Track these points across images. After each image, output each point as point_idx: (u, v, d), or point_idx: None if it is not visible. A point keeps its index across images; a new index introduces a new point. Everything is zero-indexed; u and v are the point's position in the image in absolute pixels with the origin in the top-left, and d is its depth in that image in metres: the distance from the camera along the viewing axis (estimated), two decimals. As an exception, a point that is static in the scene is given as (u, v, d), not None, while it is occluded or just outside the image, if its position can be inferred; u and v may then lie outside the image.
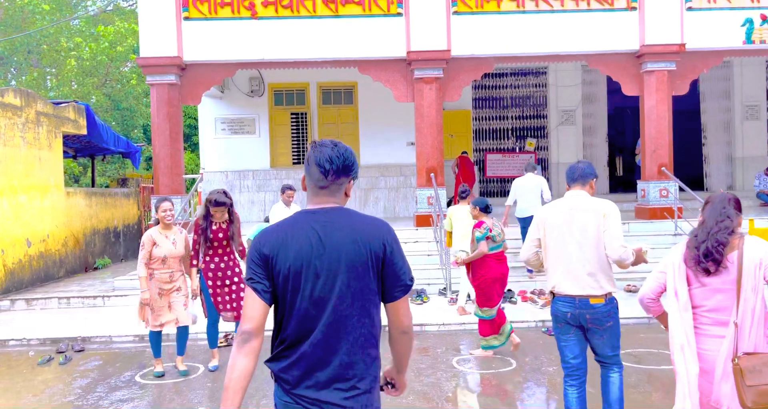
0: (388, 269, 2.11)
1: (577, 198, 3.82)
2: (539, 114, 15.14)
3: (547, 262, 3.85)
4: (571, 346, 3.81)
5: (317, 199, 2.17)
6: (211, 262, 5.89)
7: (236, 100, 13.87)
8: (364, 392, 2.09)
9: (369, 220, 2.17)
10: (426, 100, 10.90)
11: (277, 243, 2.08)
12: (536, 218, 3.94)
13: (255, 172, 13.81)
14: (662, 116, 10.96)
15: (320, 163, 2.14)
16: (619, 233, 3.69)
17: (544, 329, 7.46)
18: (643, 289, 3.21)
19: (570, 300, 3.69)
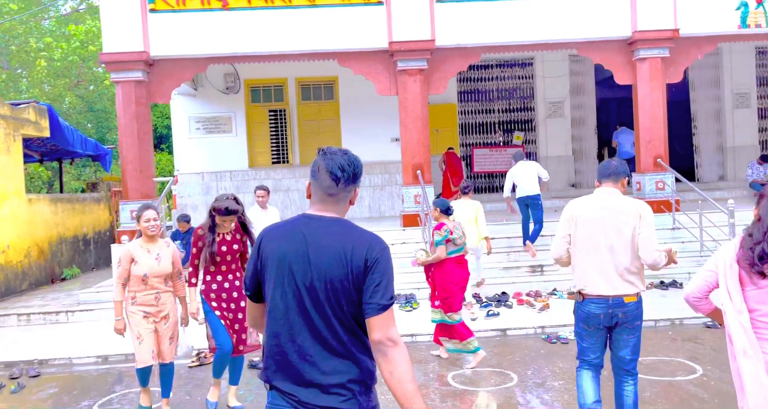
0: (366, 285, 2.07)
1: (611, 197, 3.68)
2: (526, 106, 14.55)
3: (575, 259, 3.71)
4: (595, 348, 3.74)
5: (322, 207, 2.17)
6: (212, 282, 4.80)
7: (211, 97, 13.11)
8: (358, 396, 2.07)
9: (360, 233, 2.14)
10: (410, 93, 10.24)
11: (269, 244, 2.16)
12: (566, 213, 3.77)
13: (233, 173, 13.07)
14: (656, 105, 10.40)
15: (332, 170, 2.13)
16: (653, 236, 3.59)
17: (545, 336, 6.85)
18: (689, 287, 3.04)
19: (603, 301, 3.58)
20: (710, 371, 5.54)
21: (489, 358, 6.32)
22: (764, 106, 14.47)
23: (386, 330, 2.04)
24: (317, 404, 2.05)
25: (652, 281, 8.71)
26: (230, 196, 4.84)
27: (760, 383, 2.69)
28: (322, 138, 13.35)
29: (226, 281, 4.81)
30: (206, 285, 4.83)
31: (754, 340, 2.74)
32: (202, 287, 4.84)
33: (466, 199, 8.06)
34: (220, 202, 4.75)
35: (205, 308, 4.82)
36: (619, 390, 3.78)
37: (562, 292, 8.48)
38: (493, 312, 7.57)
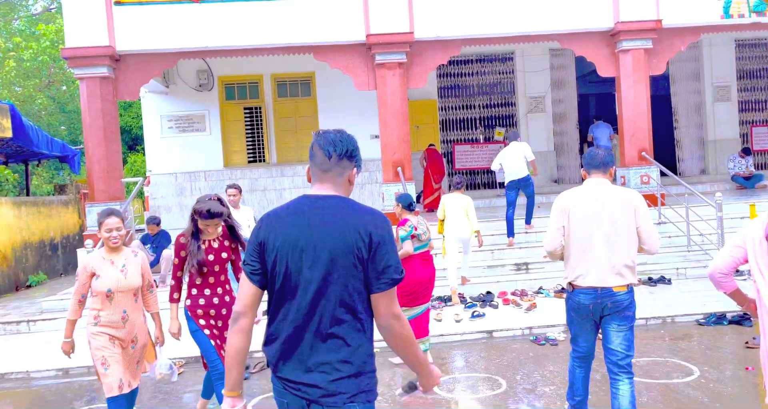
0: (372, 260, 2.07)
1: (602, 187, 3.64)
2: (507, 102, 14.24)
3: (567, 251, 3.65)
4: (586, 335, 3.75)
5: (320, 185, 2.18)
6: (199, 296, 4.18)
7: (183, 95, 12.60)
8: (348, 376, 2.06)
9: (363, 210, 2.14)
10: (389, 87, 9.86)
11: (270, 227, 2.13)
12: (559, 204, 3.70)
13: (207, 173, 12.57)
14: (640, 98, 10.14)
15: (323, 146, 2.15)
16: (653, 226, 3.61)
17: (533, 338, 6.50)
18: (715, 263, 2.98)
19: (592, 291, 3.56)
20: (707, 372, 5.23)
21: (476, 362, 5.96)
22: (744, 99, 14.33)
23: (392, 307, 2.09)
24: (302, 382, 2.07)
25: (640, 277, 8.42)
26: (213, 196, 4.23)
27: None
28: (300, 136, 12.92)
29: (214, 296, 4.20)
30: (192, 300, 4.20)
31: None
32: (188, 302, 4.21)
33: (458, 193, 7.99)
34: (202, 204, 4.16)
35: (191, 326, 4.19)
36: (614, 390, 3.64)
37: (549, 290, 8.15)
38: (479, 313, 7.22)
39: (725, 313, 6.70)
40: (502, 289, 8.33)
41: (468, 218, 7.84)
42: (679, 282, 8.34)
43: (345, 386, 2.06)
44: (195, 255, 4.12)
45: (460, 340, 6.64)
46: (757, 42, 14.19)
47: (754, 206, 6.77)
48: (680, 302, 7.33)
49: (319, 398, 2.05)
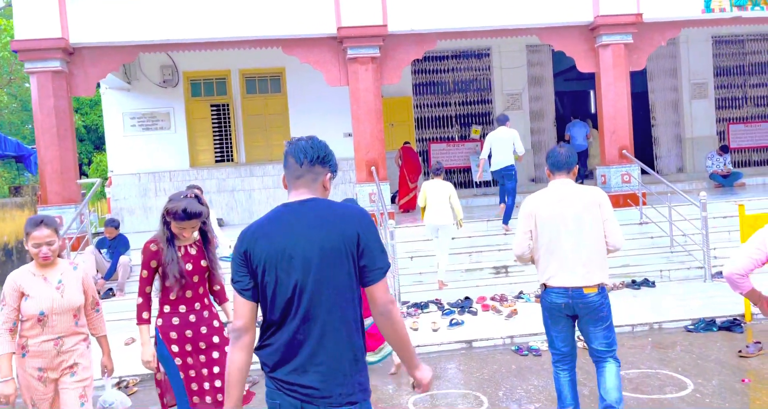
0: (362, 256, 2.11)
1: (566, 188, 3.65)
2: (483, 99, 13.85)
3: (537, 254, 3.68)
4: (563, 336, 3.73)
5: (295, 192, 2.20)
6: (173, 314, 3.50)
7: (147, 91, 11.94)
8: (344, 375, 2.08)
9: (343, 209, 2.17)
10: (362, 83, 9.37)
11: (252, 239, 2.15)
12: (525, 209, 3.72)
13: (172, 173, 11.94)
14: (620, 94, 9.82)
15: (295, 154, 2.19)
16: (617, 222, 3.63)
17: (515, 348, 6.07)
18: (733, 264, 2.93)
19: (563, 291, 3.58)
20: (702, 385, 4.85)
21: (455, 376, 5.52)
22: (721, 96, 14.15)
23: (387, 294, 2.12)
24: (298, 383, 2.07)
25: (623, 280, 8.08)
26: (189, 192, 3.53)
27: None
28: (269, 134, 12.36)
29: (191, 312, 3.50)
30: (164, 320, 3.50)
31: None
32: (159, 322, 3.52)
33: (438, 179, 7.81)
34: (176, 203, 3.43)
35: (161, 350, 3.48)
36: (599, 374, 3.70)
37: (529, 295, 7.75)
38: (457, 321, 6.78)
39: (714, 318, 6.36)
40: (481, 294, 7.90)
41: (450, 205, 7.65)
42: (663, 285, 8.01)
43: (341, 386, 2.07)
44: (174, 266, 3.42)
45: (437, 351, 6.19)
46: (734, 38, 14.02)
47: (743, 206, 6.44)
48: (666, 306, 6.98)
49: (315, 399, 2.06)
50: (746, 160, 14.28)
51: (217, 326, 3.61)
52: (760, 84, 14.27)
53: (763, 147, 14.28)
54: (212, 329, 3.58)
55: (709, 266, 8.01)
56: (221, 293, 3.76)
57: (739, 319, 6.33)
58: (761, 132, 14.19)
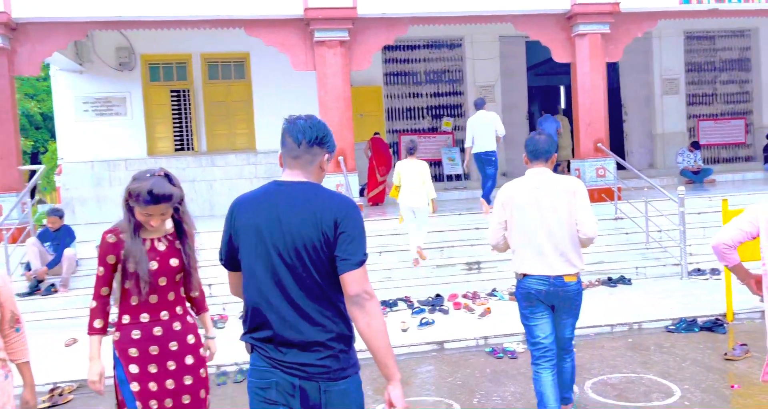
0: (339, 244, 2.09)
1: (542, 176, 3.60)
2: (455, 91, 13.41)
3: (513, 243, 3.64)
4: (543, 325, 3.61)
5: (290, 172, 2.19)
6: (134, 326, 2.75)
7: (101, 74, 11.17)
8: (339, 352, 2.12)
9: (330, 196, 2.15)
10: (330, 68, 8.82)
11: (240, 213, 2.17)
12: (500, 197, 3.67)
13: (128, 162, 11.20)
14: (597, 85, 9.48)
15: (293, 133, 2.16)
16: (591, 211, 3.55)
17: (489, 349, 5.64)
18: (721, 235, 2.94)
19: (545, 278, 3.52)
20: (690, 392, 4.49)
21: (425, 382, 5.06)
22: (692, 92, 14.00)
23: (363, 284, 2.07)
24: (296, 362, 2.09)
25: (599, 277, 7.74)
26: (158, 171, 2.78)
27: None
28: (232, 121, 11.71)
29: (156, 324, 2.76)
30: (123, 333, 2.75)
31: None
32: (116, 335, 2.77)
33: (412, 159, 7.62)
34: (140, 183, 2.69)
35: (118, 373, 2.75)
36: (558, 368, 3.71)
37: (503, 292, 7.34)
38: (427, 320, 6.32)
39: (695, 318, 6.04)
40: (453, 291, 7.47)
41: (424, 184, 7.48)
42: (640, 282, 7.69)
43: (336, 361, 2.11)
44: (139, 262, 2.69)
45: (406, 353, 5.72)
46: (706, 34, 13.88)
47: (726, 200, 6.12)
48: (644, 304, 6.64)
49: (313, 375, 2.08)
50: (715, 156, 14.18)
51: (193, 343, 2.83)
52: (730, 81, 14.17)
53: (732, 144, 14.20)
54: (185, 346, 2.79)
55: (686, 263, 7.72)
56: (200, 300, 3.00)
57: (721, 319, 6.02)
58: (730, 129, 14.11)
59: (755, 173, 12.99)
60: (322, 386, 2.09)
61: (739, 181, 12.67)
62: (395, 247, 8.24)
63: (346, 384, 2.13)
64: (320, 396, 2.10)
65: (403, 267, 7.90)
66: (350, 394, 2.15)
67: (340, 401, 2.12)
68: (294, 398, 2.10)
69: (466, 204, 10.64)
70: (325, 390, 2.10)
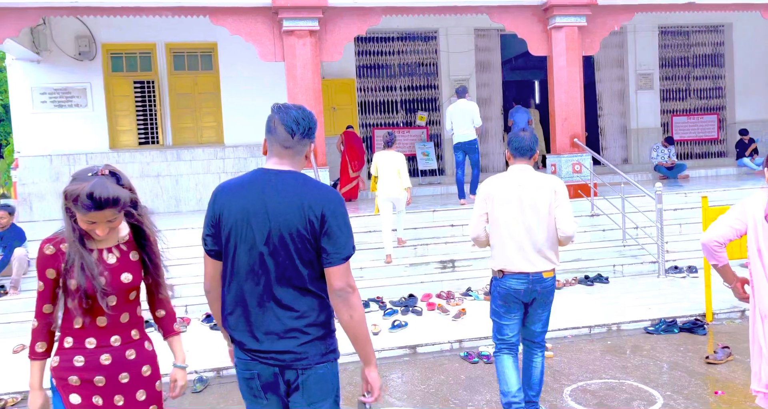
0: (325, 237, 2.10)
1: (525, 173, 3.63)
2: (430, 84, 13.11)
3: (492, 239, 3.67)
4: (513, 325, 3.67)
5: (278, 160, 2.19)
6: (77, 350, 2.30)
7: (60, 64, 10.60)
8: (316, 338, 2.13)
9: (317, 187, 2.16)
10: (299, 59, 8.44)
11: (225, 199, 2.16)
12: (482, 191, 3.68)
13: (89, 156, 10.67)
14: (573, 79, 9.26)
15: (287, 123, 2.15)
16: (570, 210, 3.58)
17: (463, 354, 5.36)
18: (711, 233, 2.85)
19: (524, 277, 3.55)
20: (672, 398, 4.27)
21: (397, 389, 4.77)
22: (667, 87, 13.92)
23: (347, 278, 2.10)
24: (273, 350, 2.11)
25: (576, 275, 7.53)
26: (101, 169, 2.25)
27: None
28: (199, 114, 11.24)
29: (105, 350, 2.31)
30: (62, 358, 2.31)
31: None
32: (55, 361, 2.32)
33: (389, 151, 7.64)
34: (79, 185, 2.19)
35: (55, 405, 2.34)
36: (528, 362, 3.77)
37: (478, 292, 7.08)
38: (400, 322, 6.02)
39: (675, 319, 5.84)
40: (427, 290, 7.19)
41: (399, 175, 7.49)
42: (617, 280, 7.50)
43: (314, 348, 2.12)
44: (80, 276, 2.23)
45: (378, 358, 5.39)
46: (680, 29, 13.79)
47: (706, 197, 5.93)
48: (623, 304, 6.44)
49: (291, 363, 2.11)
50: (688, 152, 14.14)
51: (148, 375, 2.41)
52: (704, 76, 14.12)
53: (705, 139, 14.18)
54: (138, 378, 2.37)
55: (663, 260, 7.55)
56: (167, 321, 2.56)
57: (701, 319, 5.84)
58: (703, 124, 14.08)
59: (728, 169, 12.97)
60: (300, 372, 2.13)
61: (712, 176, 12.64)
62: (368, 244, 7.93)
63: (324, 369, 2.16)
64: (299, 381, 2.14)
65: (376, 266, 7.59)
66: (327, 379, 2.18)
67: (318, 385, 2.15)
68: (276, 386, 2.16)
69: (441, 200, 10.37)
70: (304, 375, 2.13)
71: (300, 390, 2.13)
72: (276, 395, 2.17)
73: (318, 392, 2.15)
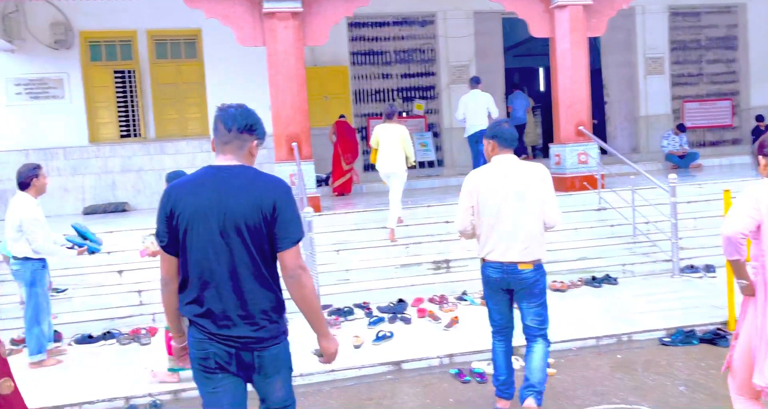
0: (276, 225, 2.26)
1: (509, 163, 3.62)
2: (428, 71, 12.36)
3: (479, 229, 3.65)
4: (500, 308, 3.75)
5: (222, 156, 2.33)
6: None
7: (35, 53, 9.95)
8: (270, 323, 2.31)
9: (266, 179, 2.31)
10: (281, 43, 7.73)
11: (178, 197, 2.28)
12: (468, 184, 3.68)
13: (67, 150, 10.05)
14: (578, 63, 8.50)
15: (224, 120, 2.32)
16: (555, 199, 3.60)
17: (454, 371, 4.68)
18: (735, 225, 2.71)
19: (498, 266, 3.58)
20: (696, 431, 3.58)
21: (374, 417, 4.11)
22: (677, 72, 13.08)
23: (298, 260, 2.30)
24: (231, 335, 2.27)
25: (582, 276, 6.82)
26: None
27: None
28: (184, 105, 10.57)
29: None
30: None
31: None
32: None
33: (392, 124, 7.28)
34: None
35: None
36: (527, 349, 3.75)
37: (473, 296, 6.40)
38: (385, 333, 5.35)
39: (693, 329, 5.13)
40: (418, 294, 6.51)
41: (403, 149, 7.17)
42: (627, 282, 6.79)
43: (268, 332, 2.31)
44: None
45: (357, 376, 4.76)
46: (691, 10, 12.94)
47: (728, 191, 5.21)
48: (634, 310, 5.73)
49: (247, 346, 2.28)
50: (701, 140, 13.33)
51: None
52: (716, 60, 13.27)
53: (718, 126, 13.35)
54: None
55: (678, 258, 6.83)
56: None
57: (723, 329, 5.13)
58: (716, 110, 13.25)
59: (743, 157, 12.14)
60: (255, 354, 2.29)
61: (726, 165, 11.83)
62: (355, 244, 7.26)
63: (277, 349, 2.34)
64: (254, 361, 2.30)
65: (363, 267, 6.92)
66: (280, 356, 2.37)
67: (272, 363, 2.33)
68: (230, 364, 2.30)
69: (438, 194, 9.68)
70: (258, 355, 2.30)
71: (256, 369, 2.32)
72: (228, 373, 2.32)
73: (272, 369, 2.35)
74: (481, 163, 9.01)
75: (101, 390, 4.51)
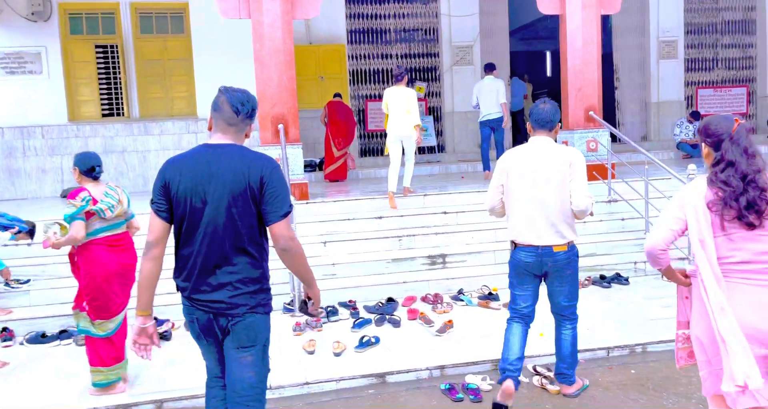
0: (265, 198, 2.38)
1: (543, 146, 3.54)
2: (430, 51, 11.63)
3: (508, 210, 3.63)
4: (526, 296, 3.67)
5: (222, 136, 2.46)
6: None
7: (11, 25, 9.25)
8: (246, 292, 2.42)
9: (255, 156, 2.43)
10: (267, 16, 7.02)
11: (175, 171, 2.42)
12: (501, 163, 3.62)
13: (46, 129, 9.39)
14: (590, 42, 7.76)
15: (233, 103, 2.43)
16: (585, 183, 3.49)
17: (445, 386, 4.05)
18: (653, 237, 2.57)
19: (533, 249, 3.51)
20: (729, 474, 2.94)
21: (349, 444, 3.49)
22: (692, 56, 12.30)
23: (288, 231, 2.40)
24: (208, 300, 2.41)
25: (590, 274, 6.18)
26: None
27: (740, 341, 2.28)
28: (170, 83, 9.87)
29: None
30: None
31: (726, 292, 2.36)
32: None
33: (399, 87, 7.12)
34: None
35: None
36: (558, 334, 3.74)
37: (471, 295, 5.77)
38: (369, 339, 4.72)
39: (718, 340, 4.48)
40: (411, 291, 5.88)
41: (409, 113, 6.99)
42: (639, 281, 6.15)
43: (244, 299, 2.41)
44: None
45: (334, 389, 4.14)
46: (708, -9, 12.12)
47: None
48: (647, 316, 5.09)
49: (223, 311, 2.41)
50: (714, 128, 12.57)
51: None
52: (733, 44, 12.47)
53: (733, 114, 12.56)
54: None
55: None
56: None
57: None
58: (731, 98, 12.49)
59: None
60: (229, 319, 2.42)
61: (741, 156, 11.10)
62: (344, 235, 6.62)
63: (252, 318, 2.44)
64: (229, 327, 2.43)
65: (352, 261, 6.28)
66: (256, 326, 2.46)
67: (245, 332, 2.44)
68: (212, 329, 2.46)
69: (438, 181, 9.02)
70: (233, 323, 2.42)
71: (230, 334, 2.44)
72: (212, 337, 2.49)
73: (245, 338, 2.44)
74: (484, 145, 8.84)
75: (39, 403, 3.90)
